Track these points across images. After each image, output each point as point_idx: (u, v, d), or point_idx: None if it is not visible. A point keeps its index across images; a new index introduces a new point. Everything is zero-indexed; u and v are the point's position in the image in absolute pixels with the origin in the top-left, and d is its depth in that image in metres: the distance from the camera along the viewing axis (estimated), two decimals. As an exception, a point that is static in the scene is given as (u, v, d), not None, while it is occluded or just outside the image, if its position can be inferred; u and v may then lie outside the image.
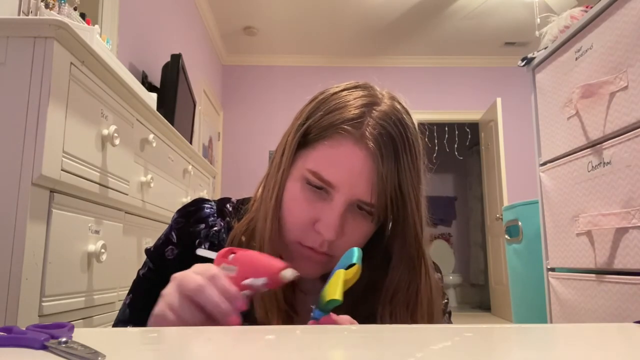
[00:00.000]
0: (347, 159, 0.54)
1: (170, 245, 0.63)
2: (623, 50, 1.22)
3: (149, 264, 0.64)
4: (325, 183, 0.55)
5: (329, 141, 0.55)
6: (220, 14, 4.20)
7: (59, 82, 0.90)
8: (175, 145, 1.73)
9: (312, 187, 0.55)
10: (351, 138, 0.54)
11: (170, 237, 0.63)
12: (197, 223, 0.64)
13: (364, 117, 0.55)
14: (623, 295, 1.22)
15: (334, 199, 0.55)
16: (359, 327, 0.40)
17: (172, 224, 0.65)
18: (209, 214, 0.65)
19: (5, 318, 0.79)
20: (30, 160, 0.84)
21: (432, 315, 0.59)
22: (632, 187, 1.18)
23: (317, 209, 0.55)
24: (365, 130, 0.54)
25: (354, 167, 0.54)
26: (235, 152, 4.85)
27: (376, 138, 0.54)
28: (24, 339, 0.30)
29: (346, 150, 0.54)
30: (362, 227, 0.57)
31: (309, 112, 0.59)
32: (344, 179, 0.54)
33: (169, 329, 0.41)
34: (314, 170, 0.55)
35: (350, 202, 0.55)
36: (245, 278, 0.46)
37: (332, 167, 0.54)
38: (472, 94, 5.06)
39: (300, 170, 0.57)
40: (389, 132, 0.55)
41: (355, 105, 0.56)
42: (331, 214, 0.54)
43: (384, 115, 0.56)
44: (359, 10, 4.13)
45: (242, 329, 0.41)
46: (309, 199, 0.56)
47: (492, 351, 0.33)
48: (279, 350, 0.32)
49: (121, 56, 2.27)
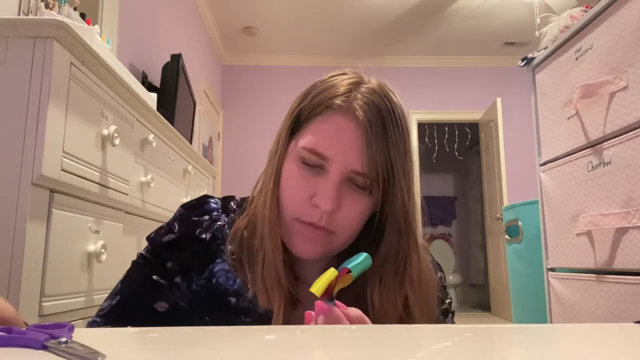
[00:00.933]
0: (337, 131, 0.57)
1: (170, 233, 0.64)
2: (623, 50, 1.22)
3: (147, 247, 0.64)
4: (320, 156, 0.57)
5: (319, 117, 0.58)
6: (220, 14, 4.20)
7: (59, 82, 0.90)
8: (175, 145, 1.73)
9: (308, 165, 0.58)
10: (340, 111, 0.57)
11: (172, 227, 0.64)
12: (202, 215, 0.65)
13: (351, 92, 0.59)
14: (623, 295, 1.22)
15: (329, 171, 0.57)
16: (359, 327, 0.40)
17: (177, 215, 0.65)
18: (214, 209, 0.66)
19: (5, 318, 0.79)
20: (30, 160, 0.84)
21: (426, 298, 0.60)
22: (632, 187, 1.18)
23: (313, 184, 0.57)
24: (353, 103, 0.58)
25: (345, 138, 0.57)
26: (235, 152, 4.85)
27: (364, 109, 0.57)
28: (24, 339, 0.30)
29: (336, 123, 0.57)
30: (358, 202, 0.58)
31: (300, 99, 0.63)
32: (336, 150, 0.56)
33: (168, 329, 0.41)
34: (307, 146, 0.58)
35: (344, 173, 0.57)
36: None
37: (324, 140, 0.57)
38: (472, 94, 5.06)
39: (295, 151, 0.59)
40: (375, 104, 0.58)
41: (343, 84, 0.60)
42: (327, 185, 0.56)
43: (370, 90, 0.59)
44: (359, 10, 4.13)
45: (242, 329, 0.41)
46: (306, 175, 0.58)
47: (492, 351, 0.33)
48: (279, 350, 0.32)
49: (121, 56, 2.27)
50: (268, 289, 0.57)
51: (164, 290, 0.61)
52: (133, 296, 0.61)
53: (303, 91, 0.64)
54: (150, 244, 0.64)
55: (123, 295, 0.61)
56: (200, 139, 3.83)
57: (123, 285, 0.63)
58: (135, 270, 0.64)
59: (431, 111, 5.04)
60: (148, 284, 0.61)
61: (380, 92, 0.59)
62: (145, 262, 0.63)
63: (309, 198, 0.57)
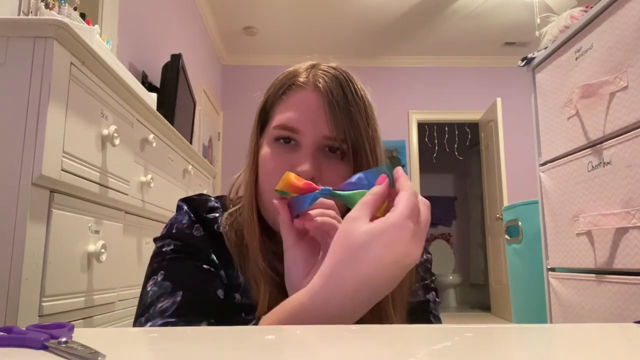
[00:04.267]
0: (302, 103, 0.61)
1: (196, 225, 0.63)
2: (623, 50, 1.22)
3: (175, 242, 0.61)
4: (291, 130, 0.60)
5: (284, 96, 0.62)
6: (220, 14, 4.20)
7: (59, 82, 0.90)
8: (175, 145, 1.73)
9: (281, 143, 0.61)
10: (302, 86, 0.61)
11: (193, 220, 0.63)
12: (209, 212, 0.65)
13: (310, 70, 0.63)
14: (623, 295, 1.22)
15: (303, 142, 0.60)
16: (358, 327, 0.40)
17: (188, 211, 0.64)
18: (217, 207, 0.66)
19: (5, 318, 0.79)
20: (30, 160, 0.84)
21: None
22: (632, 187, 1.18)
23: (290, 158, 0.60)
24: (312, 77, 0.62)
25: (312, 108, 0.60)
26: (235, 152, 4.85)
27: (323, 79, 0.61)
28: (24, 339, 0.30)
29: (300, 96, 0.61)
30: (336, 168, 0.61)
31: (265, 94, 0.66)
32: (305, 121, 0.59)
33: (168, 329, 0.41)
34: (277, 124, 0.61)
35: (317, 140, 0.59)
36: None
37: (292, 114, 0.61)
38: (472, 94, 5.06)
39: (267, 136, 0.62)
40: (333, 75, 0.62)
41: (302, 67, 0.64)
42: (305, 154, 0.59)
43: (328, 67, 0.64)
44: (359, 10, 4.13)
45: (242, 329, 0.41)
46: (281, 153, 0.61)
47: (492, 351, 0.33)
48: (279, 350, 0.32)
49: (121, 56, 2.27)
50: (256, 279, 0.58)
51: (217, 279, 0.60)
52: (195, 288, 0.58)
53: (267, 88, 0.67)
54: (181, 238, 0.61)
55: (184, 290, 0.57)
56: (200, 139, 3.83)
57: (175, 280, 0.58)
58: (179, 264, 0.60)
59: (431, 111, 5.04)
60: (202, 273, 0.59)
61: (338, 68, 0.64)
62: (185, 255, 0.60)
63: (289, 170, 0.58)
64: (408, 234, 0.43)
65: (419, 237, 0.44)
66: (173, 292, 0.56)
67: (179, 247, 0.61)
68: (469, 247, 6.40)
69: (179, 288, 0.57)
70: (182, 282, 0.58)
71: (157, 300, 0.56)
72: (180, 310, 0.55)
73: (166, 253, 0.60)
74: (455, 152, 5.89)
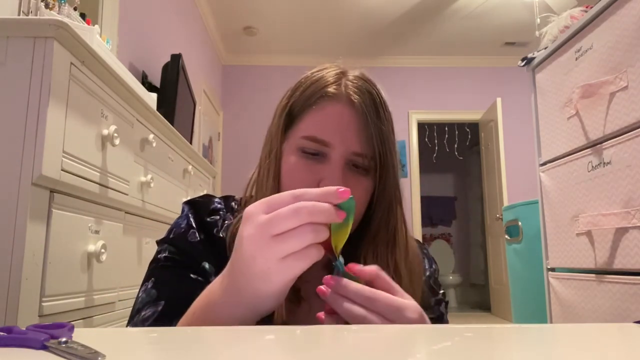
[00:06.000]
0: (335, 116, 0.59)
1: (192, 230, 0.62)
2: (623, 50, 1.22)
3: (170, 249, 0.62)
4: (321, 143, 0.58)
5: (315, 106, 0.60)
6: (220, 14, 4.20)
7: (59, 82, 0.90)
8: (175, 145, 1.73)
9: (308, 155, 0.59)
10: (334, 98, 0.60)
11: (190, 224, 0.63)
12: (212, 214, 0.65)
13: (341, 80, 0.61)
14: (623, 295, 1.22)
15: (332, 156, 0.58)
16: (358, 328, 0.40)
17: (188, 214, 0.64)
18: (220, 208, 0.66)
19: (5, 318, 0.79)
20: (30, 160, 0.84)
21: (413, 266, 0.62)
22: (632, 187, 1.18)
23: (317, 171, 0.58)
24: (345, 89, 0.60)
25: (343, 122, 0.59)
26: (235, 152, 4.85)
27: (357, 94, 0.60)
28: (24, 339, 0.30)
29: (333, 109, 0.59)
30: (362, 184, 0.60)
31: (288, 95, 0.64)
32: (336, 134, 0.58)
33: (168, 329, 0.41)
34: (307, 135, 0.59)
35: (346, 156, 0.59)
36: None
37: (324, 126, 0.59)
38: (472, 94, 5.06)
39: (293, 143, 0.61)
40: (365, 89, 0.61)
41: (331, 75, 0.62)
42: (333, 169, 0.58)
43: (357, 77, 0.62)
44: (359, 10, 4.13)
45: (242, 329, 0.41)
46: (308, 164, 0.59)
47: (492, 351, 0.33)
48: (279, 350, 0.32)
49: (121, 56, 2.27)
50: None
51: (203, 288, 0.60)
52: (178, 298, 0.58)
53: (290, 89, 0.65)
54: (176, 245, 0.62)
55: (167, 300, 0.58)
56: (200, 139, 3.83)
57: (161, 289, 0.59)
58: (168, 273, 0.60)
59: (431, 111, 5.04)
60: (189, 283, 0.59)
61: (366, 79, 0.63)
62: (176, 264, 0.61)
63: (316, 185, 0.58)
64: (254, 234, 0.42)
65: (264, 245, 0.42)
66: (156, 302, 0.58)
67: (173, 254, 0.61)
68: (469, 247, 6.40)
69: (163, 298, 0.58)
70: (166, 292, 0.59)
71: (143, 307, 0.59)
72: (158, 321, 0.57)
73: (160, 260, 0.62)
74: (455, 152, 5.89)
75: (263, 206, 0.43)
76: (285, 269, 0.42)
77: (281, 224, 0.41)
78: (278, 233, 0.41)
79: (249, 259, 0.42)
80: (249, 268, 0.42)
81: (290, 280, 0.43)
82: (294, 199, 0.43)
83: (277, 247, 0.41)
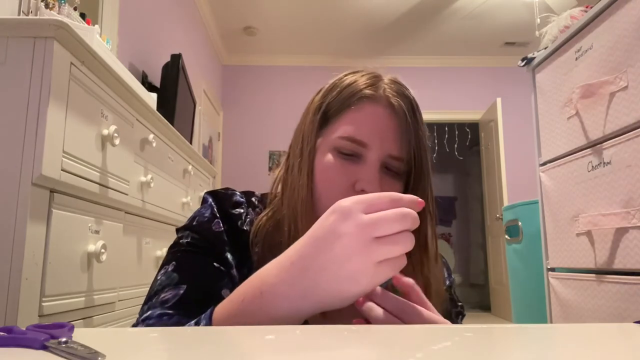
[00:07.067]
0: (374, 118, 0.59)
1: (216, 220, 0.62)
2: (623, 50, 1.22)
3: (193, 235, 0.61)
4: (358, 143, 0.58)
5: (353, 107, 0.60)
6: (220, 14, 4.20)
7: (59, 82, 0.90)
8: (175, 145, 1.73)
9: (344, 155, 0.59)
10: (373, 99, 0.60)
11: (215, 214, 0.62)
12: (235, 207, 0.64)
13: (378, 82, 0.61)
14: (623, 295, 1.22)
15: (368, 157, 0.58)
16: (358, 328, 0.40)
17: (212, 204, 0.64)
18: (242, 202, 0.65)
19: (5, 318, 0.79)
20: (30, 160, 0.84)
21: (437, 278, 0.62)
22: (632, 187, 1.18)
23: (353, 172, 0.58)
24: (384, 92, 0.60)
25: (382, 124, 0.59)
26: (235, 152, 4.85)
27: (395, 97, 0.60)
28: (24, 339, 0.30)
29: (372, 110, 0.59)
30: (395, 187, 0.60)
31: (323, 95, 0.63)
32: (375, 136, 0.58)
33: (168, 329, 0.41)
34: (344, 135, 0.59)
35: (383, 158, 0.58)
36: None
37: (362, 127, 0.58)
38: (472, 94, 5.06)
39: (328, 143, 0.60)
40: (403, 92, 0.61)
41: (366, 77, 0.62)
42: (369, 169, 0.57)
43: (393, 81, 0.62)
44: (359, 10, 4.13)
45: (241, 329, 0.41)
46: (343, 165, 0.58)
47: (492, 351, 0.33)
48: (279, 350, 0.32)
49: (121, 56, 2.27)
50: None
51: (225, 278, 0.59)
52: (201, 284, 0.57)
53: (324, 89, 0.64)
54: (199, 232, 0.61)
55: (189, 284, 0.57)
56: (200, 139, 3.83)
57: (183, 273, 0.58)
58: (190, 258, 0.59)
59: (431, 111, 5.04)
60: (211, 271, 0.58)
61: (401, 83, 0.63)
62: (198, 250, 0.60)
63: (351, 186, 0.58)
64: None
65: (378, 272, 0.41)
66: (178, 285, 0.57)
67: (196, 240, 0.60)
68: (469, 247, 6.40)
69: (185, 282, 0.57)
70: (189, 276, 0.57)
71: (161, 290, 0.57)
72: (180, 304, 0.55)
73: (182, 245, 0.60)
74: (455, 152, 5.88)
75: (361, 205, 0.42)
76: (378, 274, 0.41)
77: (386, 228, 0.40)
78: (380, 236, 0.40)
79: (342, 258, 0.41)
80: (340, 266, 0.41)
81: (377, 285, 0.43)
82: (393, 202, 0.42)
83: (379, 250, 0.40)
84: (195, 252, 0.60)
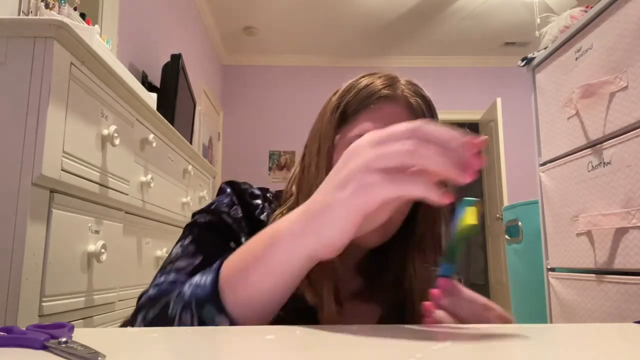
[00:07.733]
0: (393, 117, 0.59)
1: (235, 206, 0.62)
2: (623, 50, 1.22)
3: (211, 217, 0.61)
4: None
5: (372, 106, 0.60)
6: (220, 14, 4.20)
7: (59, 82, 0.90)
8: (175, 145, 1.73)
9: None
10: (392, 99, 0.61)
11: (234, 201, 0.63)
12: (252, 198, 0.65)
13: (396, 83, 0.63)
14: (623, 295, 1.22)
15: None
16: (358, 327, 0.40)
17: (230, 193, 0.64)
18: (259, 195, 0.66)
19: (5, 318, 0.79)
20: (30, 160, 0.84)
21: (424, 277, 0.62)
22: (632, 187, 1.18)
23: None
24: (402, 92, 0.62)
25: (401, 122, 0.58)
26: (235, 152, 4.85)
27: (413, 96, 0.62)
28: (24, 339, 0.30)
29: (391, 110, 0.60)
30: None
31: (340, 95, 0.63)
32: None
33: (168, 329, 0.41)
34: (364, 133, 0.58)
35: None
36: None
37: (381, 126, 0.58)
38: (472, 94, 5.07)
39: (346, 141, 0.60)
40: (420, 92, 0.63)
41: (383, 79, 0.63)
42: None
43: (409, 82, 0.64)
44: (359, 10, 4.13)
45: (241, 329, 0.40)
46: None
47: (492, 351, 0.33)
48: (279, 350, 0.32)
49: (121, 56, 2.27)
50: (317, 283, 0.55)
51: None
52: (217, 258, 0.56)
53: (341, 90, 0.65)
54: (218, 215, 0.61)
55: (205, 255, 0.57)
56: (200, 139, 3.83)
57: (199, 246, 0.58)
58: (208, 235, 0.60)
59: (431, 111, 5.04)
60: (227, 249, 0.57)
61: (416, 84, 0.64)
62: (217, 229, 0.60)
63: None
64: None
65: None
66: (194, 255, 0.57)
67: (214, 221, 0.61)
68: (469, 247, 6.40)
69: (201, 253, 0.57)
70: (205, 249, 0.58)
71: (177, 259, 0.58)
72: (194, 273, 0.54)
73: (199, 224, 0.61)
74: (455, 152, 5.88)
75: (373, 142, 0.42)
76: (369, 183, 0.39)
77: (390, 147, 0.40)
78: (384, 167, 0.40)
79: (339, 167, 0.42)
80: (335, 173, 0.42)
81: (370, 197, 0.40)
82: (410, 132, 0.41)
83: (375, 153, 0.40)
84: (213, 231, 0.60)
